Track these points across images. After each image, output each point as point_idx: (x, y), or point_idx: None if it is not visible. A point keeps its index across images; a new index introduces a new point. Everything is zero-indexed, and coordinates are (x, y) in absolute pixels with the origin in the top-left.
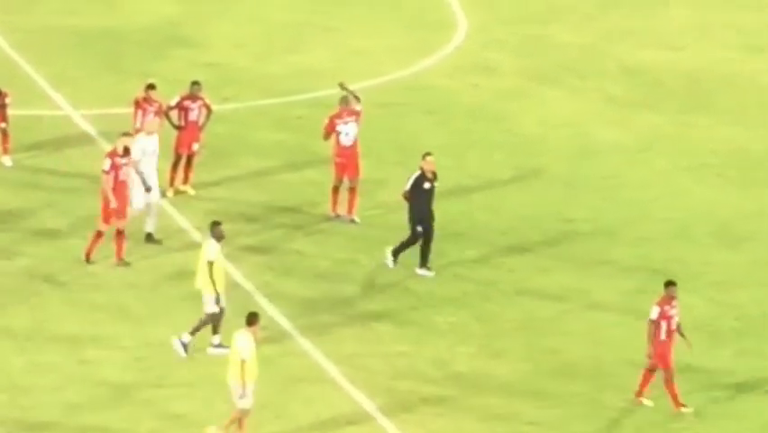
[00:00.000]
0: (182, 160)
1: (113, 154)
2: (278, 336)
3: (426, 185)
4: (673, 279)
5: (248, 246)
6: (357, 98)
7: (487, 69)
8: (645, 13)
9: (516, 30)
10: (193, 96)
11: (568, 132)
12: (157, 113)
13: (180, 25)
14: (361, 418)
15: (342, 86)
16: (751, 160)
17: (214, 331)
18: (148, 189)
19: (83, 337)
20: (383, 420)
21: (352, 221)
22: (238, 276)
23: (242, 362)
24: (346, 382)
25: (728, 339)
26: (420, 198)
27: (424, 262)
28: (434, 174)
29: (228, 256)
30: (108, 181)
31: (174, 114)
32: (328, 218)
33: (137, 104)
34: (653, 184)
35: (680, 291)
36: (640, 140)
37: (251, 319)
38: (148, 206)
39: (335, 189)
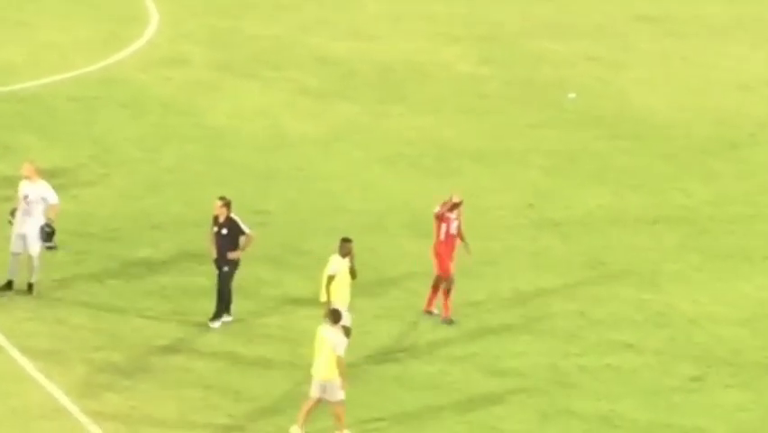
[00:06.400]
0: None
1: None
2: None
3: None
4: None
5: None
6: None
7: (179, 61)
8: (338, 4)
9: (207, 22)
10: None
11: (261, 123)
12: None
13: None
14: (54, 409)
15: None
16: (445, 149)
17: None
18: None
19: None
20: (80, 416)
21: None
22: None
23: (338, 358)
24: (41, 375)
25: (425, 329)
26: None
27: None
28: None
29: None
30: None
31: None
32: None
33: None
34: (347, 175)
35: (374, 283)
36: (334, 131)
37: (336, 317)
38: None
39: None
